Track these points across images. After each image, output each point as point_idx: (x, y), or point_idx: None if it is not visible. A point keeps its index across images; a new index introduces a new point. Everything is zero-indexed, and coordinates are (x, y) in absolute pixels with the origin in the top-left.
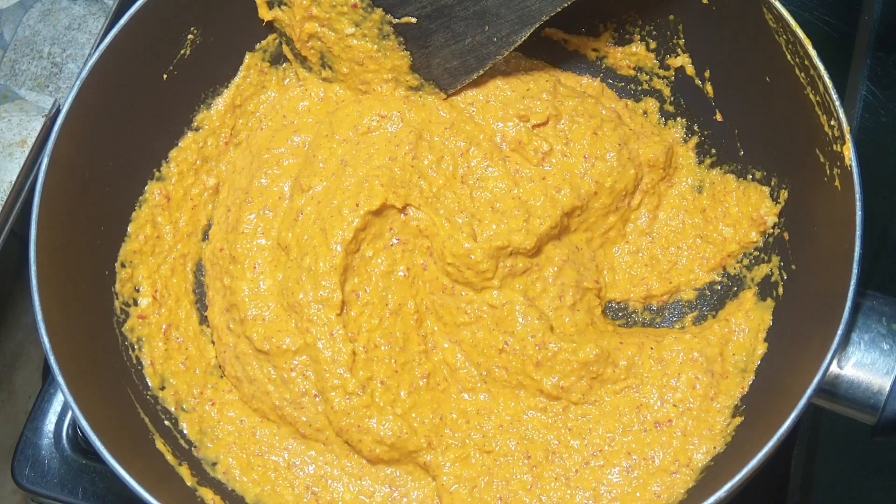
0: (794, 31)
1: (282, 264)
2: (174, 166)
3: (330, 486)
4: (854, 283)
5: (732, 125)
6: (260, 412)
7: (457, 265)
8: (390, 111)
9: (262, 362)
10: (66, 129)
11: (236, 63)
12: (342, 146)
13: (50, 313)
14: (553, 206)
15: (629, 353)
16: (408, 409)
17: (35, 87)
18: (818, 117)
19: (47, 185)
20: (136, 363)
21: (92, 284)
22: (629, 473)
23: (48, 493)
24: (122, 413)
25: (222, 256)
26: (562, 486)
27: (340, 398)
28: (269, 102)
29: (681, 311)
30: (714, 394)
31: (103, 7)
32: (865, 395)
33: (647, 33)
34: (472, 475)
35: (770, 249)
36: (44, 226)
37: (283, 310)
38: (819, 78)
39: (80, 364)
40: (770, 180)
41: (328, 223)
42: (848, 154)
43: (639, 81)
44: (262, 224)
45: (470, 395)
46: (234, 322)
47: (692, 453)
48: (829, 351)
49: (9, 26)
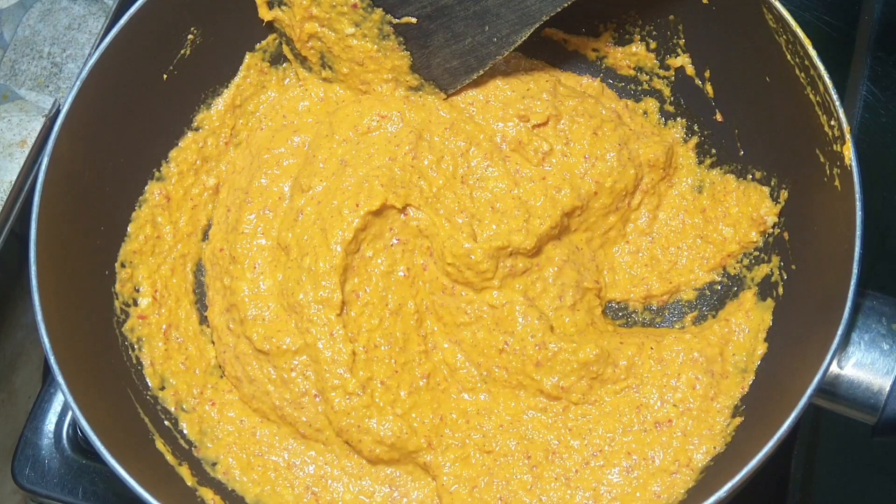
0: (794, 31)
1: (282, 264)
2: (174, 166)
3: (330, 486)
4: (854, 283)
5: (732, 125)
6: (260, 412)
7: (457, 265)
8: (390, 111)
9: (262, 362)
10: (66, 129)
11: (236, 63)
12: (342, 146)
13: (50, 313)
14: (553, 206)
15: (629, 353)
16: (408, 410)
17: (35, 87)
18: (818, 117)
19: (47, 185)
20: (136, 363)
21: (92, 284)
22: (629, 473)
23: (48, 493)
24: (122, 413)
25: (222, 256)
26: (562, 486)
27: (340, 398)
28: (269, 102)
29: (681, 311)
30: (714, 394)
31: (103, 7)
32: (865, 395)
33: (647, 33)
34: (472, 475)
35: (770, 249)
36: (44, 226)
37: (283, 310)
38: (819, 78)
39: (80, 364)
40: (770, 180)
41: (328, 223)
42: (848, 154)
43: (639, 81)
44: (262, 224)
45: (470, 395)
46: (233, 322)
47: (692, 453)
48: (829, 351)
49: (9, 26)
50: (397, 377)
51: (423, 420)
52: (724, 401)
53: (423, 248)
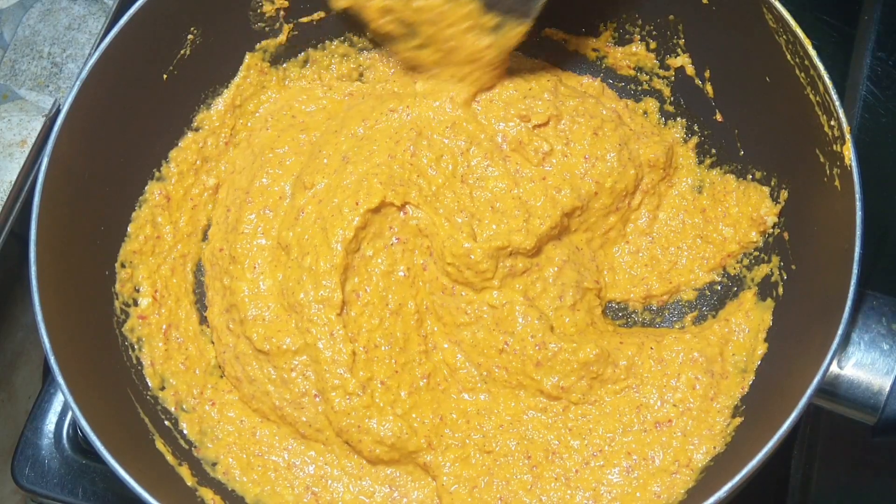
0: (794, 31)
1: (282, 264)
2: (174, 166)
3: (330, 486)
4: (854, 283)
5: (732, 125)
6: (260, 412)
7: (456, 265)
8: (400, 104)
9: (262, 362)
10: (66, 129)
11: (236, 63)
12: (348, 141)
13: (50, 313)
14: (553, 207)
15: (629, 353)
16: (408, 410)
17: (35, 87)
18: (818, 117)
19: (47, 185)
20: (136, 363)
21: (92, 284)
22: (629, 473)
23: (48, 493)
24: (122, 413)
25: (222, 256)
26: (562, 485)
27: (340, 398)
28: (275, 102)
29: (681, 311)
30: (714, 394)
31: (103, 7)
32: (865, 395)
33: (647, 33)
34: (472, 475)
35: (770, 249)
36: (44, 226)
37: (283, 310)
38: (819, 78)
39: (80, 364)
40: (770, 180)
41: (329, 222)
42: (848, 154)
43: (639, 81)
44: (262, 224)
45: (470, 396)
46: (233, 322)
47: (692, 453)
48: (829, 351)
49: (9, 26)
50: (397, 377)
51: (423, 420)
52: (724, 401)
53: (423, 247)
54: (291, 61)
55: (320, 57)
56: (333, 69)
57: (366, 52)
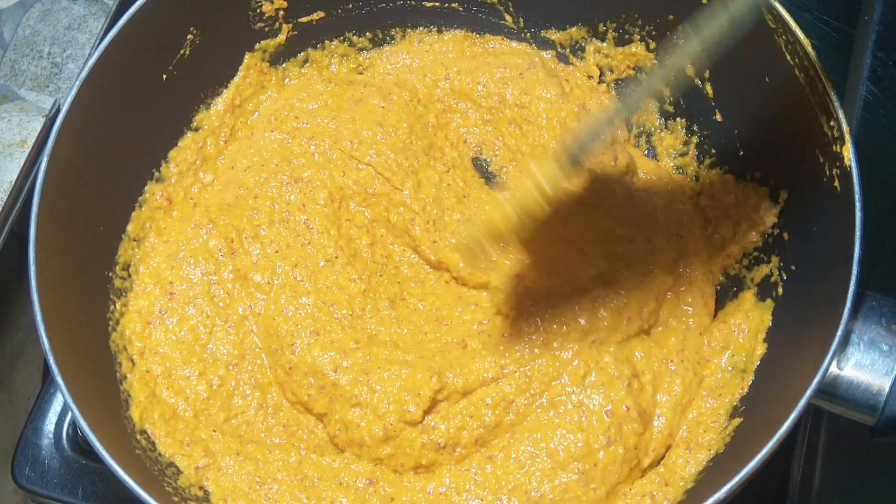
0: (794, 32)
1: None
2: (174, 166)
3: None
4: (854, 284)
5: (732, 125)
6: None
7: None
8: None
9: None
10: (66, 129)
11: (236, 63)
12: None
13: (50, 313)
14: None
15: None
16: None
17: (35, 87)
18: (818, 118)
19: (47, 185)
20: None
21: (92, 284)
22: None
23: (48, 493)
24: (122, 413)
25: None
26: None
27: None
28: (274, 101)
29: None
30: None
31: (103, 7)
32: (865, 395)
33: (647, 33)
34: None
35: (770, 249)
36: (44, 226)
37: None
38: (819, 78)
39: (80, 364)
40: (770, 180)
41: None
42: (847, 155)
43: (639, 82)
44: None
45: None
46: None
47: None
48: (829, 351)
49: (9, 26)
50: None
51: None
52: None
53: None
54: (291, 61)
55: (320, 57)
56: (333, 69)
57: (366, 52)
